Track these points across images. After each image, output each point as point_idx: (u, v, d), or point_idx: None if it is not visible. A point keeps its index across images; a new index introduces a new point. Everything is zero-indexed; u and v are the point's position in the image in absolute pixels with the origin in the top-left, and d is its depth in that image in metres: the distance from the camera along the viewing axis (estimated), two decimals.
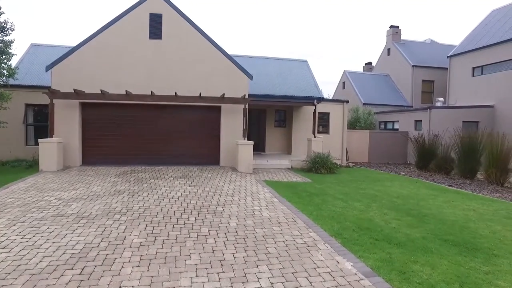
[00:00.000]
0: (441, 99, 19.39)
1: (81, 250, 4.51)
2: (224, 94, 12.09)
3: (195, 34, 12.62)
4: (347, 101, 17.29)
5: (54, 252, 4.40)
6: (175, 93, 11.65)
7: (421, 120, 18.61)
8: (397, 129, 20.52)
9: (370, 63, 32.59)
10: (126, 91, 11.29)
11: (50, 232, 5.13)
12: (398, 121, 20.65)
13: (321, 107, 16.44)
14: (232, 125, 12.91)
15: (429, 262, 4.47)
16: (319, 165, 12.86)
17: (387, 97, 25.23)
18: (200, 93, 11.95)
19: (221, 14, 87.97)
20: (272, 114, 17.09)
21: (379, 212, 7.01)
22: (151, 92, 11.54)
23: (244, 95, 12.26)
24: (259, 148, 17.41)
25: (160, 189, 8.62)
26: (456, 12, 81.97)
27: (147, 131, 12.65)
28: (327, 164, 12.90)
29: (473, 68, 20.49)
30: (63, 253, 4.36)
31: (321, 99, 14.70)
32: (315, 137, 14.69)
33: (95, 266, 4.04)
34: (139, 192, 8.15)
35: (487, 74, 19.55)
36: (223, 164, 12.96)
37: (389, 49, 27.75)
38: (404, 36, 27.94)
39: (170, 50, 12.45)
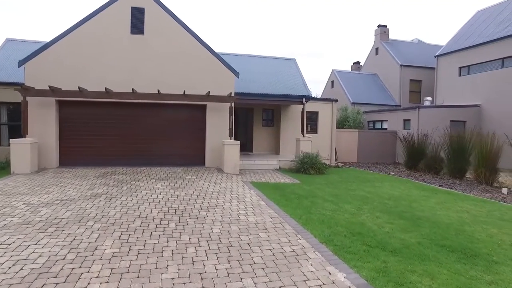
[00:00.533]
0: (429, 98, 19.38)
1: (43, 264, 4.01)
2: (209, 92, 11.62)
3: (179, 30, 12.11)
4: (336, 100, 17.05)
5: (9, 268, 3.88)
6: (158, 90, 11.12)
7: (409, 120, 18.53)
8: (386, 129, 20.42)
9: (358, 63, 32.56)
10: (105, 88, 10.70)
11: (10, 244, 4.59)
12: (387, 120, 20.55)
13: (310, 106, 16.16)
14: (218, 124, 12.46)
15: (427, 271, 4.14)
16: (307, 166, 12.53)
17: (375, 96, 25.16)
18: (184, 91, 11.45)
19: (206, 12, 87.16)
20: (259, 113, 16.71)
21: (371, 215, 6.69)
22: (132, 89, 10.99)
23: (230, 93, 11.82)
24: (246, 148, 17.01)
25: (141, 192, 8.11)
26: (441, 13, 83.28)
27: (129, 130, 12.08)
28: (316, 165, 12.59)
29: (460, 68, 20.56)
30: (21, 269, 3.85)
31: (309, 98, 14.40)
32: (303, 136, 14.37)
33: (57, 283, 3.56)
34: (117, 196, 7.63)
35: (473, 74, 19.63)
36: (208, 165, 12.50)
37: (377, 49, 27.71)
38: (391, 35, 27.97)
39: (153, 45, 11.91)
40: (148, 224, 5.69)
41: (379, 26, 27.64)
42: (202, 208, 6.85)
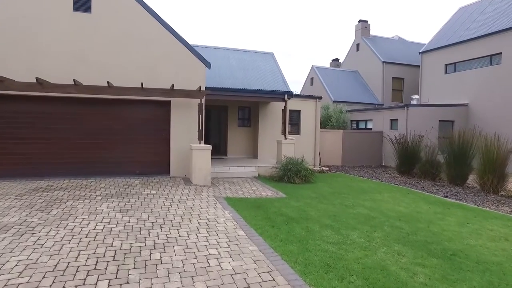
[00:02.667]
0: (417, 96, 18.19)
1: None
2: (173, 85, 9.49)
3: (136, 9, 9.89)
4: (320, 97, 15.38)
5: None
6: (108, 82, 8.85)
7: (397, 119, 17.21)
8: (371, 129, 19.06)
9: (337, 60, 31.33)
10: (37, 78, 8.30)
11: None
12: (371, 120, 19.17)
13: (291, 104, 14.36)
14: (185, 124, 10.35)
15: None
16: (292, 173, 10.72)
17: (357, 94, 23.86)
18: (142, 84, 9.24)
19: (176, 3, 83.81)
20: (235, 112, 14.75)
21: (390, 251, 4.91)
22: (74, 81, 8.65)
23: (200, 87, 9.73)
24: (220, 152, 15.02)
25: (75, 219, 5.92)
26: (418, 10, 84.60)
27: (74, 132, 9.72)
28: (301, 172, 10.80)
29: (446, 65, 19.56)
30: None
31: (292, 94, 12.58)
32: (285, 138, 12.55)
33: None
34: (36, 228, 5.41)
35: (459, 72, 18.65)
36: (174, 174, 10.36)
37: (358, 45, 26.46)
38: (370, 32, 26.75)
39: (103, 27, 9.61)
40: (63, 286, 3.59)
41: (360, 21, 26.40)
42: (155, 245, 4.80)
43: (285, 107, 12.54)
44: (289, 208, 7.23)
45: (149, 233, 5.30)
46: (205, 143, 11.02)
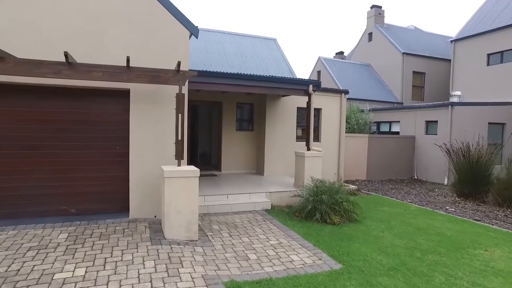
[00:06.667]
0: (459, 93, 14.43)
1: None
2: (129, 59, 5.30)
3: None
4: (346, 92, 11.51)
5: None
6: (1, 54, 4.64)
7: (436, 121, 13.48)
8: (397, 133, 15.31)
9: (341, 53, 27.59)
10: None
11: None
12: (398, 121, 15.40)
13: (305, 101, 10.41)
14: (155, 131, 6.21)
15: None
16: (326, 207, 6.72)
17: (372, 91, 20.11)
18: (67, 55, 4.98)
19: None
20: (232, 109, 10.70)
21: None
22: None
23: (179, 64, 5.52)
24: (210, 165, 11.03)
25: None
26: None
27: None
28: (341, 205, 6.82)
29: (488, 55, 16.02)
30: None
31: (319, 85, 8.59)
32: (309, 149, 8.54)
33: None
34: None
35: (508, 62, 15.11)
36: (136, 214, 6.18)
37: (370, 34, 22.74)
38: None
39: None
40: None
41: (373, 6, 22.69)
42: None
43: (308, 103, 8.52)
44: None
45: None
46: (190, 157, 6.94)
